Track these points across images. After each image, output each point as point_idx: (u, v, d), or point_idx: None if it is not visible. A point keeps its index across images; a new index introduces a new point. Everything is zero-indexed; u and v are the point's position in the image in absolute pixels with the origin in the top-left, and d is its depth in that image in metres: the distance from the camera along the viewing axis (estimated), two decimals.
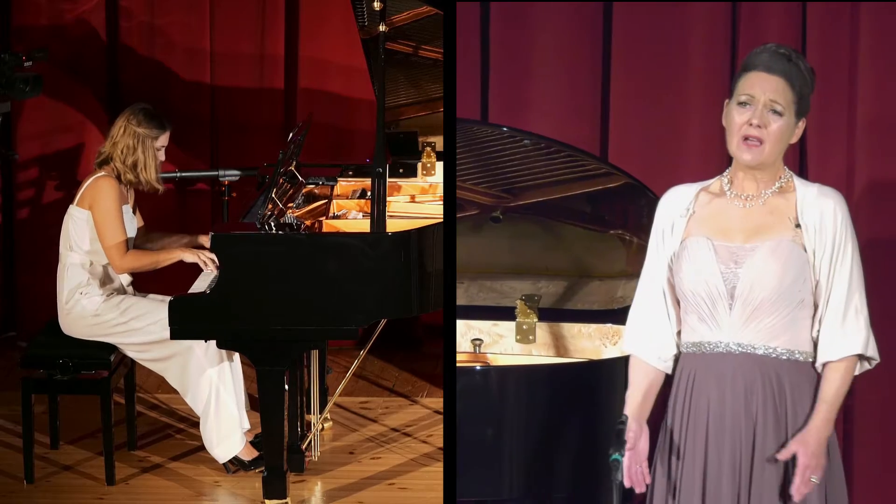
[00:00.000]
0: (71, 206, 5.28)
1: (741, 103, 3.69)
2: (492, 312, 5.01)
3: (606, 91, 5.15)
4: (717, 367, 3.72)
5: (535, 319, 4.97)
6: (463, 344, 4.98)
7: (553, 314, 4.98)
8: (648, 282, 3.84)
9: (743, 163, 3.71)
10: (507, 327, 5.01)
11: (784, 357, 3.70)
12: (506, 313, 5.00)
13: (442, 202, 5.36)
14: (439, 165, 5.88)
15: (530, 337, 4.98)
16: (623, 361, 4.31)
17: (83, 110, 6.67)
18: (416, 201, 5.71)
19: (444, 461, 4.25)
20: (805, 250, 3.68)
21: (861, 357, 3.72)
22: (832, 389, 3.68)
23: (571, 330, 4.98)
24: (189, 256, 5.22)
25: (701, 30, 5.06)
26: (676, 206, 3.82)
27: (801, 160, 5.02)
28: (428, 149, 5.92)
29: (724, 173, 3.81)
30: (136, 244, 5.36)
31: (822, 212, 3.69)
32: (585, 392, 4.38)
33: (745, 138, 3.68)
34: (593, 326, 4.94)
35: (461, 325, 5.01)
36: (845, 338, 3.68)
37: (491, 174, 4.64)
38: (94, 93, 6.67)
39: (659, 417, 3.86)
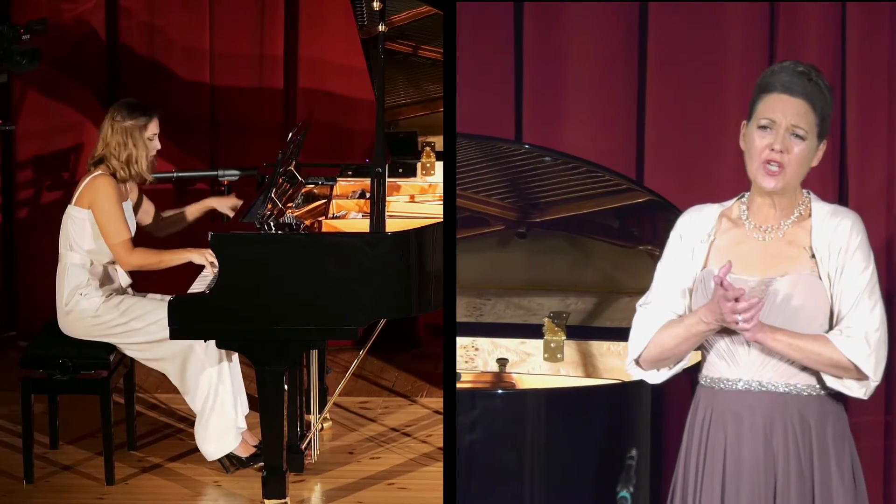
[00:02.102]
0: (70, 205, 5.28)
1: (762, 127, 3.59)
2: (519, 330, 4.95)
3: (642, 100, 5.10)
4: (734, 405, 3.63)
5: (563, 337, 4.91)
6: (489, 363, 4.95)
7: (582, 332, 4.91)
8: (662, 302, 3.72)
9: (764, 189, 3.61)
10: (534, 345, 4.95)
11: (806, 393, 3.62)
12: (533, 331, 4.94)
13: (441, 202, 5.36)
14: (439, 165, 5.88)
15: (558, 355, 4.91)
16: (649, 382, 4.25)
17: (82, 110, 6.66)
18: (416, 201, 5.71)
19: (444, 461, 4.25)
20: (824, 278, 3.59)
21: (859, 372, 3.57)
22: (801, 339, 3.54)
23: (600, 348, 4.92)
24: (197, 258, 5.22)
25: (738, 36, 4.99)
26: (697, 231, 3.72)
27: (841, 169, 4.94)
28: (427, 149, 5.92)
29: (743, 197, 3.72)
30: (151, 227, 5.38)
31: (836, 231, 3.59)
32: (610, 415, 4.30)
33: (767, 163, 3.57)
34: (623, 344, 4.80)
35: (487, 342, 4.95)
36: (840, 331, 3.56)
37: (516, 189, 4.60)
38: (93, 93, 6.67)
39: (674, 450, 3.78)
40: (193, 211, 5.65)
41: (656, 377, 3.76)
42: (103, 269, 5.27)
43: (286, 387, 5.18)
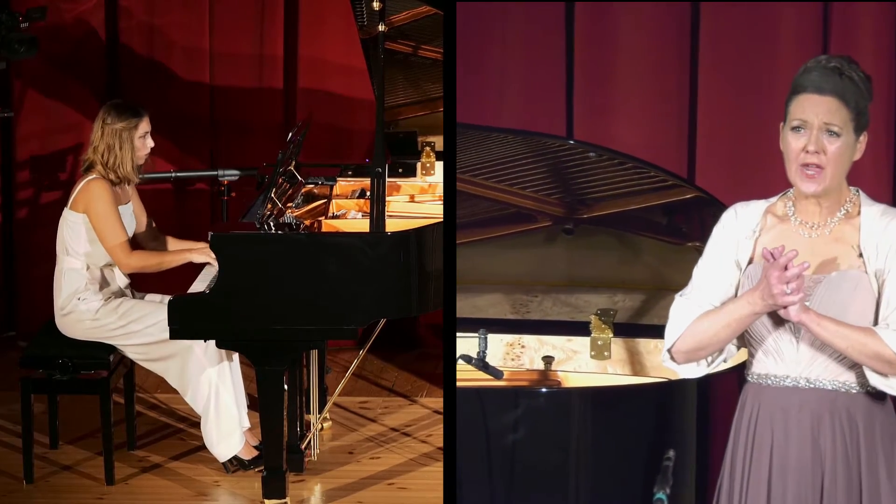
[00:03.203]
0: (65, 209, 5.27)
1: (795, 128, 3.53)
2: (566, 327, 4.90)
3: (694, 93, 5.07)
4: (782, 402, 3.58)
5: (611, 335, 4.87)
6: (535, 361, 4.91)
7: (629, 329, 4.87)
8: (702, 295, 3.66)
9: (805, 193, 3.56)
10: (581, 343, 4.91)
11: (855, 390, 3.56)
12: (580, 328, 4.89)
13: (441, 202, 5.36)
14: (438, 165, 5.87)
15: (605, 353, 4.88)
16: (696, 381, 4.17)
17: (82, 110, 6.66)
18: (416, 201, 5.71)
19: (445, 461, 4.24)
20: (871, 276, 3.53)
21: None
22: (848, 328, 3.48)
23: (648, 346, 4.87)
24: (198, 257, 5.22)
25: (791, 30, 4.94)
26: (743, 227, 3.67)
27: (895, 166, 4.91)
28: (427, 148, 5.92)
29: (788, 193, 3.66)
30: (145, 246, 5.37)
31: (886, 231, 3.54)
32: (657, 414, 4.23)
33: (804, 166, 3.52)
34: None
35: (534, 340, 4.92)
36: (888, 325, 3.50)
37: (563, 185, 4.57)
38: (93, 93, 6.67)
39: (721, 449, 3.73)
40: (179, 255, 5.46)
41: (692, 371, 3.70)
42: (100, 272, 5.27)
43: (286, 387, 5.18)
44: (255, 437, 5.30)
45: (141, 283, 5.50)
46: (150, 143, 5.31)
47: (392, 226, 4.94)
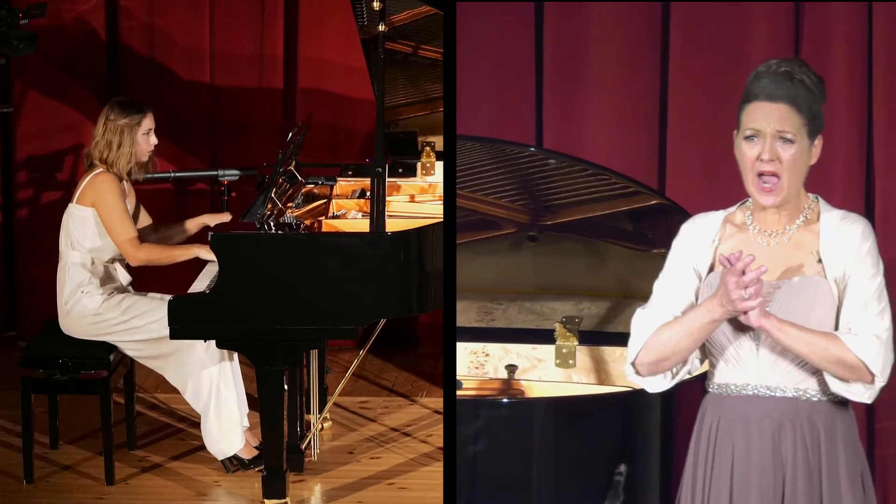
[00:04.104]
0: (70, 204, 5.28)
1: (748, 137, 3.53)
2: (531, 335, 4.88)
3: (665, 96, 5.05)
4: (743, 411, 3.57)
5: (576, 343, 4.85)
6: (500, 369, 4.89)
7: (594, 337, 4.84)
8: (663, 307, 3.66)
9: (764, 205, 3.55)
10: (546, 351, 4.89)
11: (816, 398, 3.55)
12: (545, 336, 4.86)
13: (441, 202, 5.36)
14: (439, 165, 5.88)
15: (570, 361, 4.86)
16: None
17: (82, 110, 6.66)
18: (416, 201, 5.71)
19: (444, 461, 4.25)
20: (830, 282, 3.53)
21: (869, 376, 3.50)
22: (810, 332, 3.47)
23: (613, 354, 4.85)
24: (205, 253, 5.23)
25: (763, 31, 4.93)
26: (702, 237, 3.66)
27: (868, 168, 4.89)
28: (427, 148, 5.92)
29: (746, 202, 3.65)
30: (146, 240, 5.38)
31: (846, 237, 3.53)
32: (622, 424, 4.20)
33: (760, 175, 3.51)
34: None
35: (498, 348, 4.90)
36: (850, 329, 3.50)
37: (526, 192, 4.55)
38: (93, 93, 6.67)
39: (681, 462, 3.72)
40: (191, 226, 5.59)
41: (657, 385, 3.68)
42: (104, 267, 5.28)
43: (286, 387, 5.18)
44: (255, 437, 5.30)
45: (141, 283, 5.50)
46: (154, 140, 5.33)
47: (392, 226, 4.94)
